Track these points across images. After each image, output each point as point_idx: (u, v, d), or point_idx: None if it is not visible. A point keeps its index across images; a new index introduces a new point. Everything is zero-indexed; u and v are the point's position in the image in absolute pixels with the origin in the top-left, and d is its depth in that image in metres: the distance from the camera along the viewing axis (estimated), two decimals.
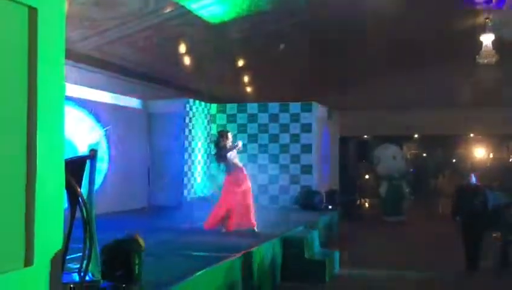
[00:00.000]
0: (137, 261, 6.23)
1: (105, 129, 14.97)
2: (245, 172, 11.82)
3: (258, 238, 10.71)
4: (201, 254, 8.98)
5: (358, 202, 25.07)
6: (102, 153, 14.84)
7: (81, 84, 14.16)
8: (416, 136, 31.76)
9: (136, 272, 6.23)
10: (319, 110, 18.85)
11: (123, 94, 16.21)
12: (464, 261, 12.41)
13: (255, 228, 11.52)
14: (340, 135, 23.17)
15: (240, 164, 11.87)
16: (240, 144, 11.75)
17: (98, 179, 12.66)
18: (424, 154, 35.41)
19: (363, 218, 22.00)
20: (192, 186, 17.49)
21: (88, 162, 5.14)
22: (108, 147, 15.27)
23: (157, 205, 16.72)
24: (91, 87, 14.76)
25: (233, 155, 11.67)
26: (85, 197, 4.86)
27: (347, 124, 23.81)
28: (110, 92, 15.57)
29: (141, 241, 6.37)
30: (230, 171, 11.68)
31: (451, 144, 32.12)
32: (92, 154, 5.21)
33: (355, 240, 16.15)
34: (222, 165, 11.90)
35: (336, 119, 21.78)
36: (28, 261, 2.88)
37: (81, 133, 13.23)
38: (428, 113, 24.58)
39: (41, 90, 2.93)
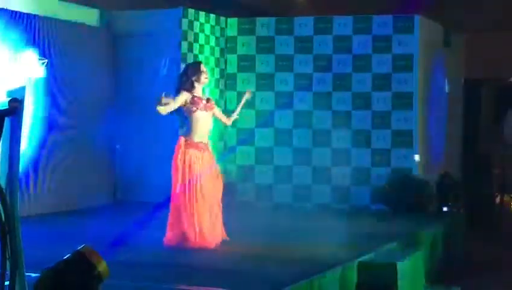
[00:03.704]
0: None
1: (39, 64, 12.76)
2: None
3: (309, 266, 9.03)
4: None
5: (498, 199, 20.38)
6: (32, 108, 12.65)
7: None
8: None
9: None
10: (427, 31, 15.82)
11: (70, 1, 14.25)
12: None
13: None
14: (466, 76, 19.44)
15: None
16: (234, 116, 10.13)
17: (25, 152, 11.84)
18: None
19: (508, 229, 18.20)
20: None
21: (7, 120, 4.61)
22: (45, 97, 13.18)
23: (132, 201, 14.36)
24: None
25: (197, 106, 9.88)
26: (1, 181, 4.41)
27: (479, 58, 19.55)
28: None
29: (101, 263, 5.23)
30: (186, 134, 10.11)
31: None
32: (14, 108, 4.61)
33: (494, 270, 13.61)
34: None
35: (458, 48, 18.39)
36: None
37: None
38: None
39: None
